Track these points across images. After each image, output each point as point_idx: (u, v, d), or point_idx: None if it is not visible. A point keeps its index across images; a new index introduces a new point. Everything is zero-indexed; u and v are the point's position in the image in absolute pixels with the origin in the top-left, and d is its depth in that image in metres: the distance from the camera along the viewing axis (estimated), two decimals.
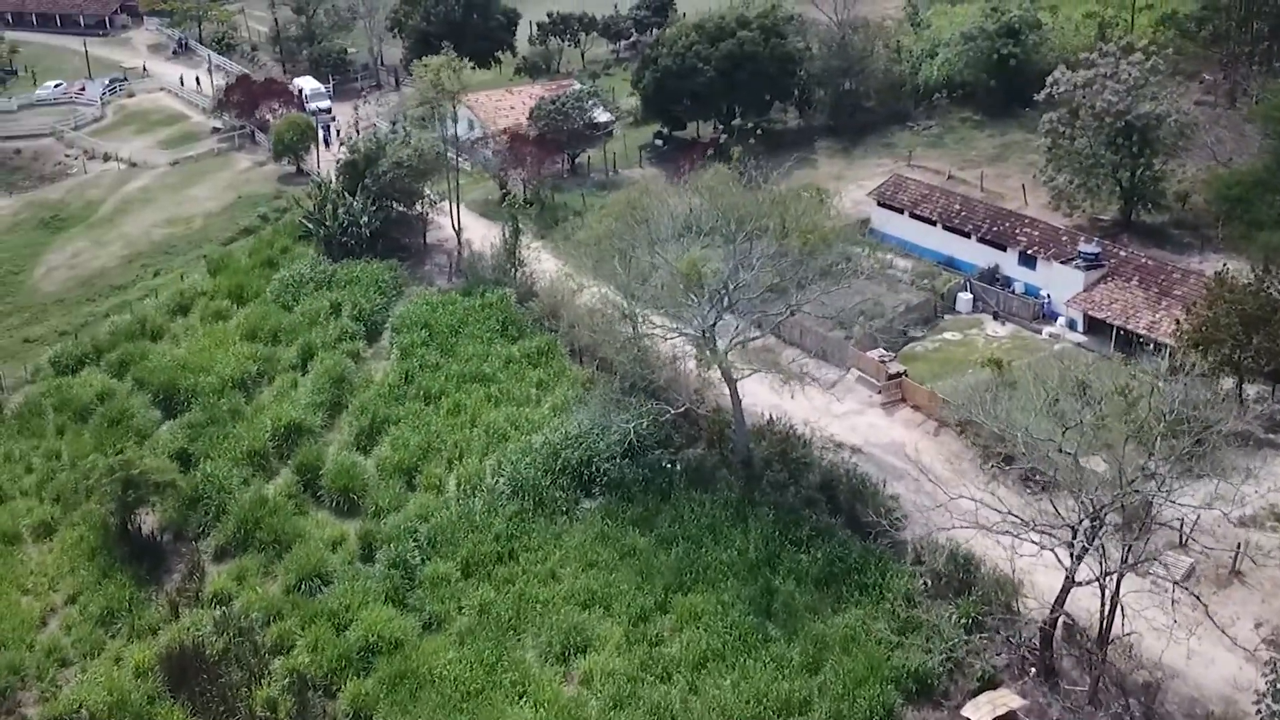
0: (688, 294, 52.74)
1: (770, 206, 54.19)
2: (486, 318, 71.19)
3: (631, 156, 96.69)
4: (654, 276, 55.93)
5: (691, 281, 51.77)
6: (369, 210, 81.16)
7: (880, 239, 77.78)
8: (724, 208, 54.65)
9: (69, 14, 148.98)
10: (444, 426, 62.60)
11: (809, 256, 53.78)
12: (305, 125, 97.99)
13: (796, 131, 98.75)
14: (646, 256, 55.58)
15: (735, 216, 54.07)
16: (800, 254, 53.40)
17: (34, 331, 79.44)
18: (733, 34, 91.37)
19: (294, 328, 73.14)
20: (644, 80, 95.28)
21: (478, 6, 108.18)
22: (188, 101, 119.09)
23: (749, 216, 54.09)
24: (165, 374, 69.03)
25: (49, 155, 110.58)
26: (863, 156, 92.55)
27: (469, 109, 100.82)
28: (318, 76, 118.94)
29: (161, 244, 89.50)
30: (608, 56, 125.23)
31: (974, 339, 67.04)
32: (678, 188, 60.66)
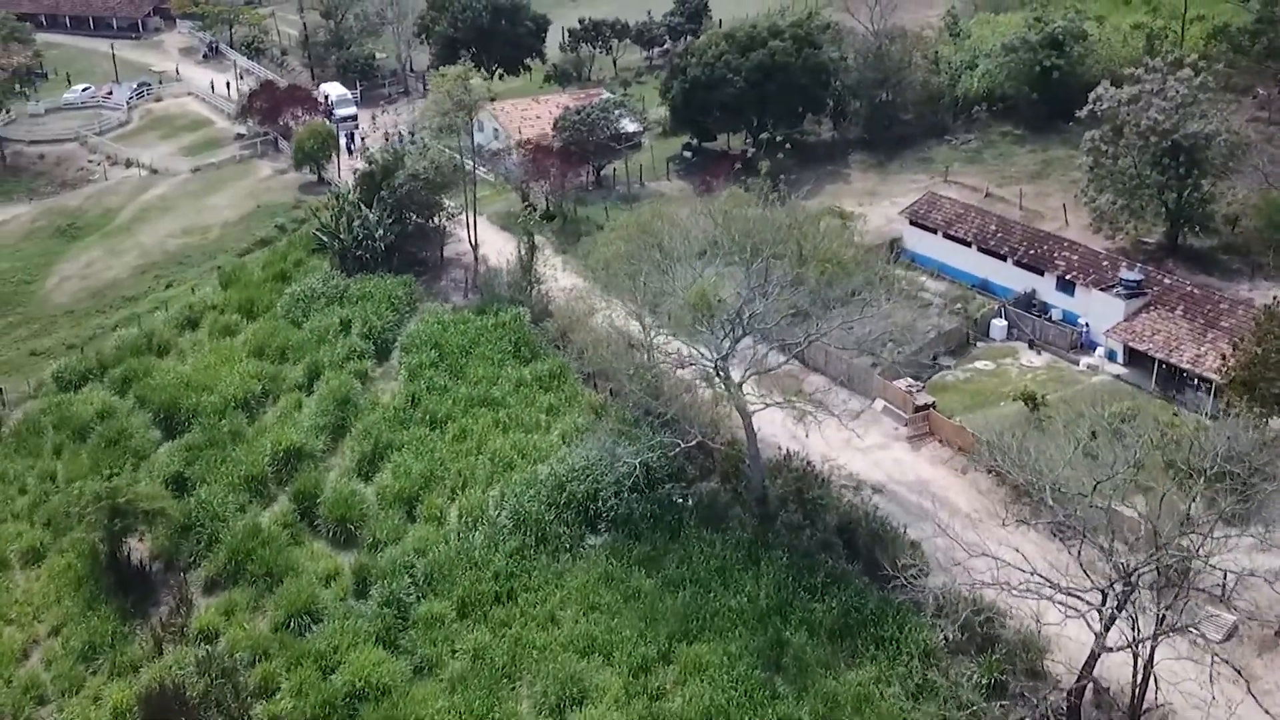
0: (697, 324, 49.82)
1: (787, 232, 51.07)
2: (499, 338, 68.65)
3: (659, 168, 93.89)
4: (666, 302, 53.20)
5: (701, 312, 48.85)
6: (385, 224, 78.88)
7: (912, 259, 74.56)
8: (738, 233, 51.60)
9: (102, 16, 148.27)
10: (449, 453, 60.08)
11: (827, 286, 50.66)
12: (326, 134, 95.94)
13: (830, 144, 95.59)
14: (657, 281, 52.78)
15: (750, 242, 51.02)
16: (818, 283, 50.32)
17: (41, 344, 77.80)
18: (764, 44, 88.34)
19: (302, 345, 70.95)
20: (672, 91, 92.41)
21: (506, 13, 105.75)
22: (214, 107, 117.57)
23: (765, 242, 51.08)
24: (167, 392, 67.00)
25: (72, 160, 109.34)
26: (898, 171, 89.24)
27: (494, 118, 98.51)
28: (345, 83, 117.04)
29: (176, 254, 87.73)
30: (640, 64, 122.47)
31: (1007, 369, 63.66)
32: (693, 208, 57.50)
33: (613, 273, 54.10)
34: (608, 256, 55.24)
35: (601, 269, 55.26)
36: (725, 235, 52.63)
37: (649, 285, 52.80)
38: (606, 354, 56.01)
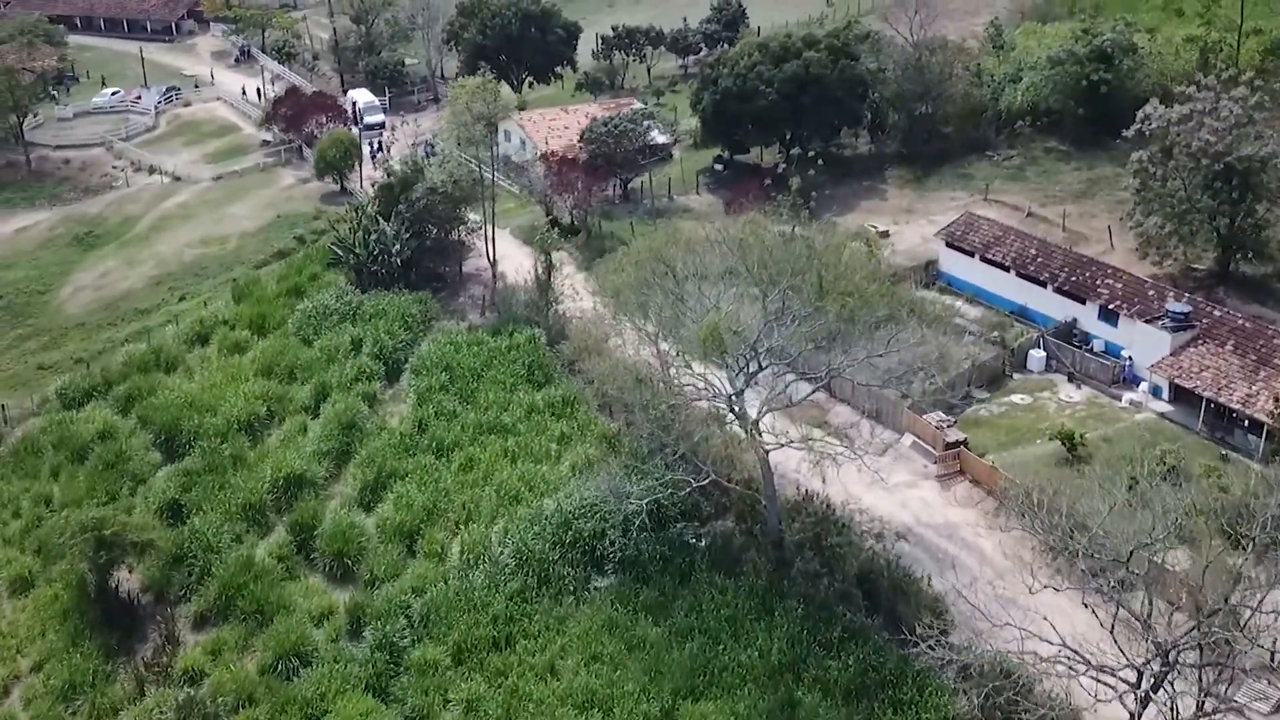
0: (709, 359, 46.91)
1: (807, 262, 47.97)
2: (513, 360, 66.03)
3: (689, 182, 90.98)
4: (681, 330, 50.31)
5: (711, 349, 45.92)
6: (402, 238, 76.46)
7: (948, 283, 71.28)
8: (754, 263, 48.58)
9: (136, 19, 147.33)
10: (454, 484, 57.47)
11: (849, 321, 47.55)
12: (349, 142, 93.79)
13: (866, 158, 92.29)
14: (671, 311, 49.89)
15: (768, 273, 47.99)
16: (838, 317, 47.22)
17: (50, 358, 76.06)
18: (798, 54, 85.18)
19: (311, 364, 68.66)
20: (703, 102, 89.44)
21: (536, 20, 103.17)
22: (241, 112, 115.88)
23: (783, 272, 48.03)
24: (170, 413, 64.83)
25: (97, 166, 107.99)
26: (936, 188, 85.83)
27: (520, 128, 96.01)
28: (374, 89, 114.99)
29: (192, 265, 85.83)
30: (675, 72, 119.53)
31: (1045, 404, 60.20)
32: (710, 232, 54.44)
33: (624, 301, 51.20)
34: (618, 284, 52.39)
35: (612, 297, 52.30)
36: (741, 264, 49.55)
37: (662, 315, 49.89)
38: (620, 384, 53.20)
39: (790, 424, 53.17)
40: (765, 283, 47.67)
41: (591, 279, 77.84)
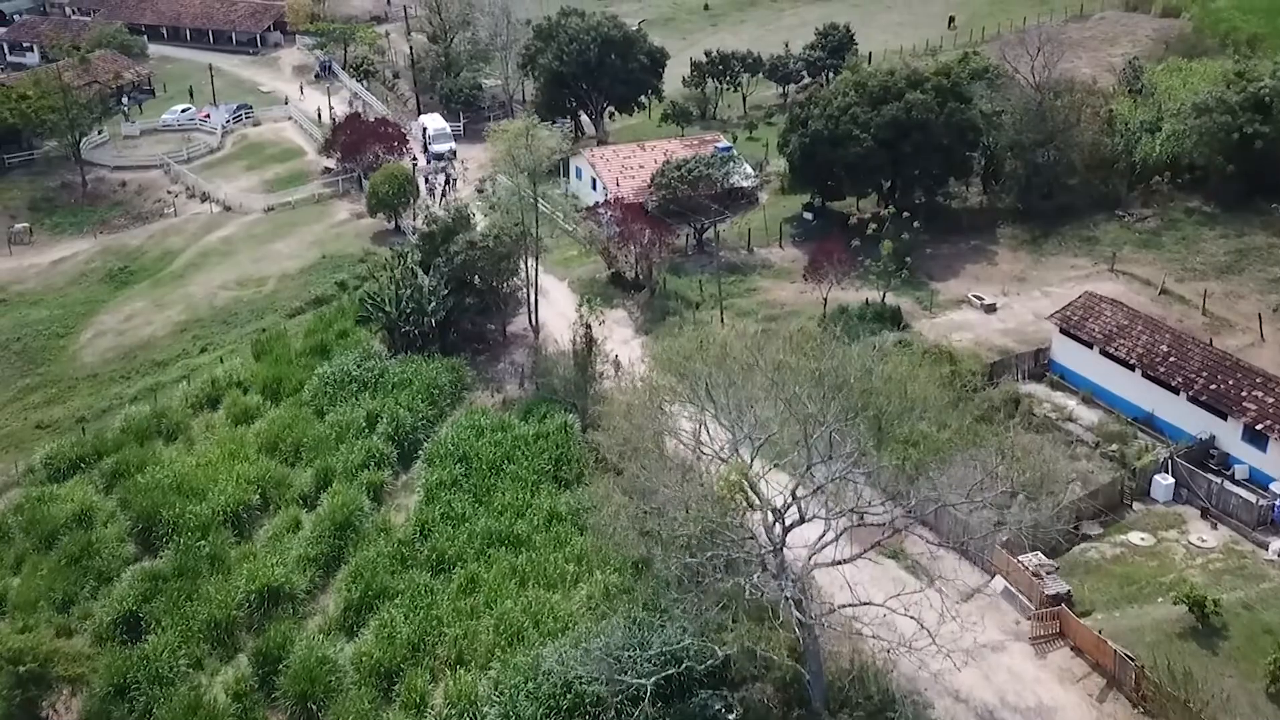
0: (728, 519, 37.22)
1: (862, 397, 37.81)
2: (540, 451, 57.11)
3: (773, 231, 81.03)
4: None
5: (731, 506, 36.24)
6: (439, 294, 68.10)
7: (1061, 375, 60.29)
8: (792, 396, 38.57)
9: (222, 30, 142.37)
10: (450, 610, 48.52)
11: (914, 472, 37.41)
12: (404, 178, 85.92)
13: (976, 212, 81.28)
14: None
15: (812, 407, 38.01)
16: (901, 468, 37.12)
17: (51, 414, 69.39)
18: (900, 95, 74.67)
19: (319, 443, 60.66)
20: (790, 145, 79.52)
21: (617, 46, 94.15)
22: (309, 135, 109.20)
23: (832, 405, 38.00)
24: (153, 497, 57.16)
25: (153, 189, 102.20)
26: (1055, 251, 74.59)
27: (591, 166, 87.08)
28: (448, 114, 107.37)
29: (222, 311, 78.70)
30: (773, 102, 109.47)
31: (1171, 548, 48.97)
32: (747, 344, 44.32)
33: (637, 425, 41.72)
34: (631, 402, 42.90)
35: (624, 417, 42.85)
36: (778, 394, 39.62)
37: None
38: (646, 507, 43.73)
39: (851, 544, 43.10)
40: (807, 421, 37.65)
41: (651, 345, 68.89)
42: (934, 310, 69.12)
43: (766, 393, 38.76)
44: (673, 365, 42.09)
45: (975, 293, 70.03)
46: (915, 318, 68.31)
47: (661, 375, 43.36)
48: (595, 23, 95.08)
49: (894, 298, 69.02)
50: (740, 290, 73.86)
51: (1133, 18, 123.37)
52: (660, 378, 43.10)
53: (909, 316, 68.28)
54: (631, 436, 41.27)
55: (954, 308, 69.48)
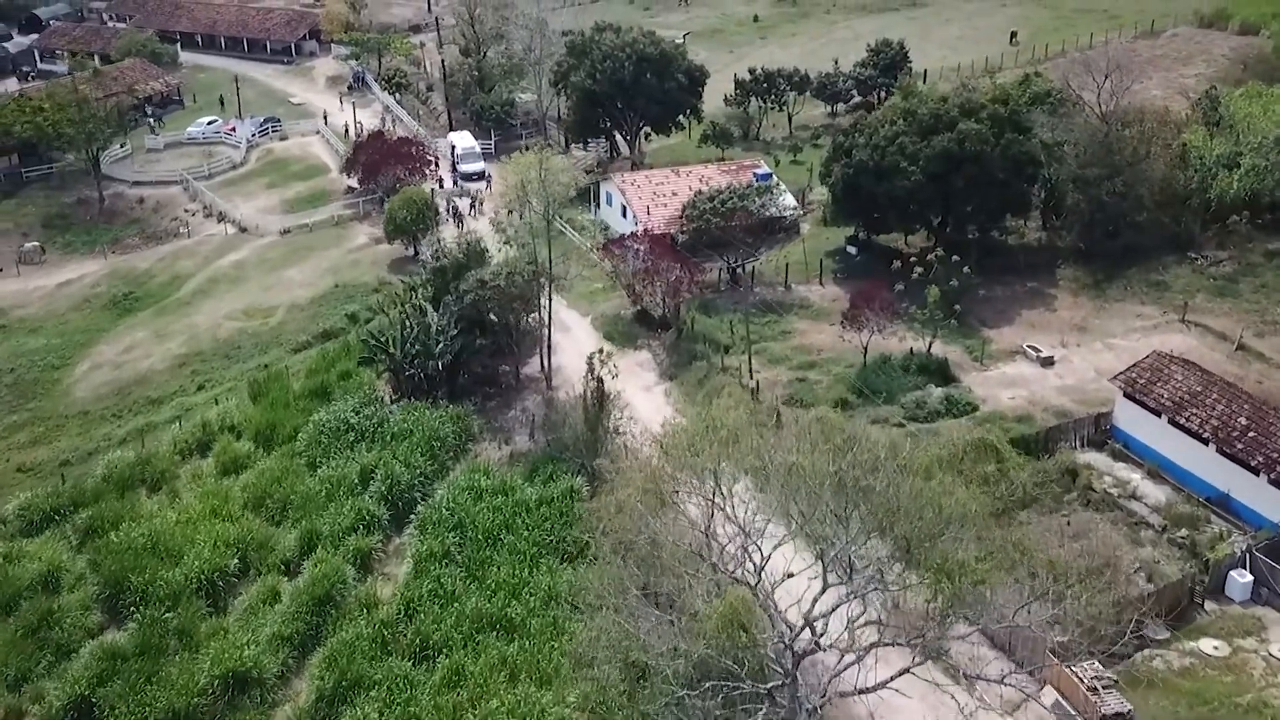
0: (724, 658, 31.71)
1: (885, 513, 32.12)
2: (542, 520, 51.92)
3: (813, 265, 75.34)
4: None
5: (728, 642, 30.78)
6: (447, 334, 63.20)
7: (1124, 444, 54.19)
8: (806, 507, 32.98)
9: (257, 39, 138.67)
10: (429, 707, 43.41)
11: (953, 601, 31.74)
12: (423, 203, 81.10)
13: (1035, 250, 75.10)
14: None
15: (829, 519, 32.44)
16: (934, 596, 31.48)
17: (35, 456, 65.27)
18: (952, 125, 68.72)
19: (307, 501, 55.88)
20: (833, 175, 73.83)
21: (653, 64, 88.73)
22: (335, 151, 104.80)
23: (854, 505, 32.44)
24: (124, 559, 52.51)
25: (170, 207, 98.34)
26: (1119, 297, 68.36)
27: (621, 192, 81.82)
28: (479, 131, 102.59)
29: (226, 343, 74.35)
30: (822, 122, 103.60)
31: (1248, 660, 42.89)
32: (757, 442, 38.54)
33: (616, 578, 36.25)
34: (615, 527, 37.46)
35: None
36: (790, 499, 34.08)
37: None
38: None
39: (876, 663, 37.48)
40: (821, 541, 32.08)
41: (676, 391, 63.73)
42: (985, 362, 63.21)
43: (779, 497, 33.20)
44: (677, 456, 36.54)
45: (1031, 343, 64.00)
46: (964, 370, 62.47)
47: (666, 465, 37.78)
48: (630, 39, 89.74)
49: (941, 345, 63.28)
50: (774, 333, 68.34)
51: (1207, 35, 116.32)
52: (665, 467, 37.52)
53: (957, 368, 62.46)
54: (625, 538, 35.98)
55: (1007, 359, 63.52)
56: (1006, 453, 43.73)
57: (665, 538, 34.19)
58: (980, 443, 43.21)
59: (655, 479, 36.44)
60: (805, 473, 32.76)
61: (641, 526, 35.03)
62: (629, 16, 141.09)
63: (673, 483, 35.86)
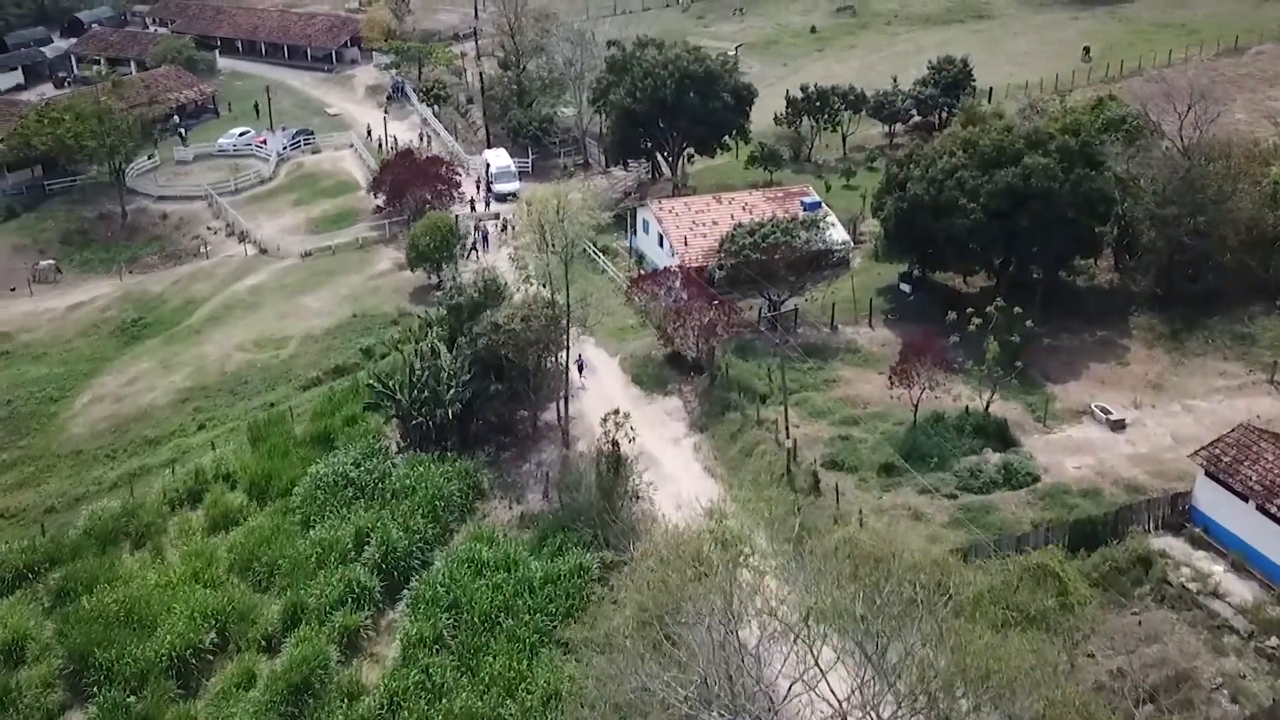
0: None
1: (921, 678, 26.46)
2: (547, 601, 46.80)
3: (863, 303, 69.56)
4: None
5: None
6: (459, 379, 58.27)
7: (1204, 528, 47.97)
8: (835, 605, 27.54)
9: (297, 45, 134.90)
10: None
11: None
12: (447, 230, 76.25)
13: (1107, 293, 68.86)
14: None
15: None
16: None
17: (20, 500, 61.22)
18: (1017, 159, 62.69)
19: (296, 566, 51.23)
20: (885, 209, 68.07)
21: (697, 82, 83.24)
22: (367, 167, 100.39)
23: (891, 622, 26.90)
24: (92, 630, 48.15)
25: (193, 223, 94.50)
26: (1200, 351, 61.94)
27: (658, 221, 76.50)
28: (516, 149, 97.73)
29: (233, 377, 70.02)
30: (878, 143, 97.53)
31: None
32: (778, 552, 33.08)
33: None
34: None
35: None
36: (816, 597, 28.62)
37: None
38: None
39: None
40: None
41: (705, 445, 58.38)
42: (1048, 423, 57.18)
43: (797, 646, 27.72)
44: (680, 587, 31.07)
45: (1100, 403, 57.83)
46: (1025, 431, 56.47)
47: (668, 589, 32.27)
48: (673, 55, 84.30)
49: (1000, 401, 57.33)
50: (817, 381, 62.67)
51: None
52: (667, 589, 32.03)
53: (1017, 429, 56.47)
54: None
55: (1073, 420, 57.41)
56: (1071, 581, 37.63)
57: (659, 685, 28.75)
58: (1039, 569, 37.25)
59: (657, 601, 31.01)
60: (828, 616, 27.21)
61: (633, 671, 29.63)
62: (681, 26, 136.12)
63: (675, 615, 30.40)
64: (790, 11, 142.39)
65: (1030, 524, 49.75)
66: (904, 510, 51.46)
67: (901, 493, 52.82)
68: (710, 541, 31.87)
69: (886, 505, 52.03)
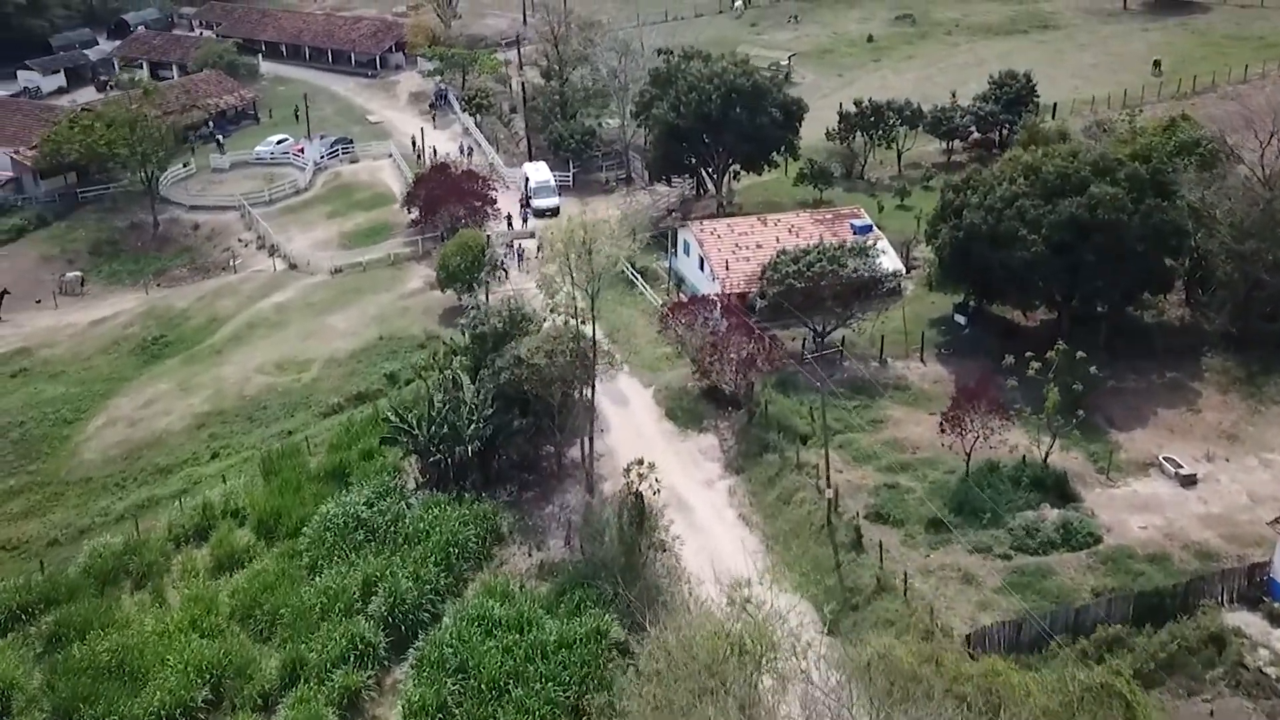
0: None
1: None
2: (561, 667, 43.26)
3: (914, 335, 65.48)
4: None
5: None
6: (481, 413, 54.94)
7: None
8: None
9: (341, 50, 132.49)
10: None
11: None
12: (478, 250, 72.97)
13: (1177, 331, 64.25)
14: None
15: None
16: None
17: (24, 531, 58.71)
18: (1082, 188, 58.38)
19: (299, 616, 48.07)
20: (940, 236, 63.97)
21: (744, 97, 79.29)
22: (405, 178, 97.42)
23: None
24: (83, 682, 45.30)
25: (225, 235, 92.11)
26: (1279, 399, 57.27)
27: (699, 243, 72.78)
28: (556, 161, 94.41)
29: (251, 402, 67.21)
30: (935, 160, 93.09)
31: None
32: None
33: None
34: None
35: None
36: None
37: None
38: None
39: None
40: None
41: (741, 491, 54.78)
42: (1112, 475, 52.91)
43: None
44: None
45: (1169, 454, 53.48)
46: (1086, 484, 52.32)
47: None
48: (719, 69, 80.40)
49: (1060, 448, 53.13)
50: (863, 420, 58.69)
51: None
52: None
53: (1078, 481, 52.33)
54: None
55: (1139, 473, 53.13)
56: (1138, 702, 33.33)
57: None
58: (1103, 688, 33.12)
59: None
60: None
61: None
62: (734, 34, 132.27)
63: None
64: (847, 19, 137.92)
65: (1091, 593, 45.74)
66: (953, 572, 47.57)
67: (951, 551, 48.87)
68: (727, 645, 28.07)
69: (934, 565, 48.14)
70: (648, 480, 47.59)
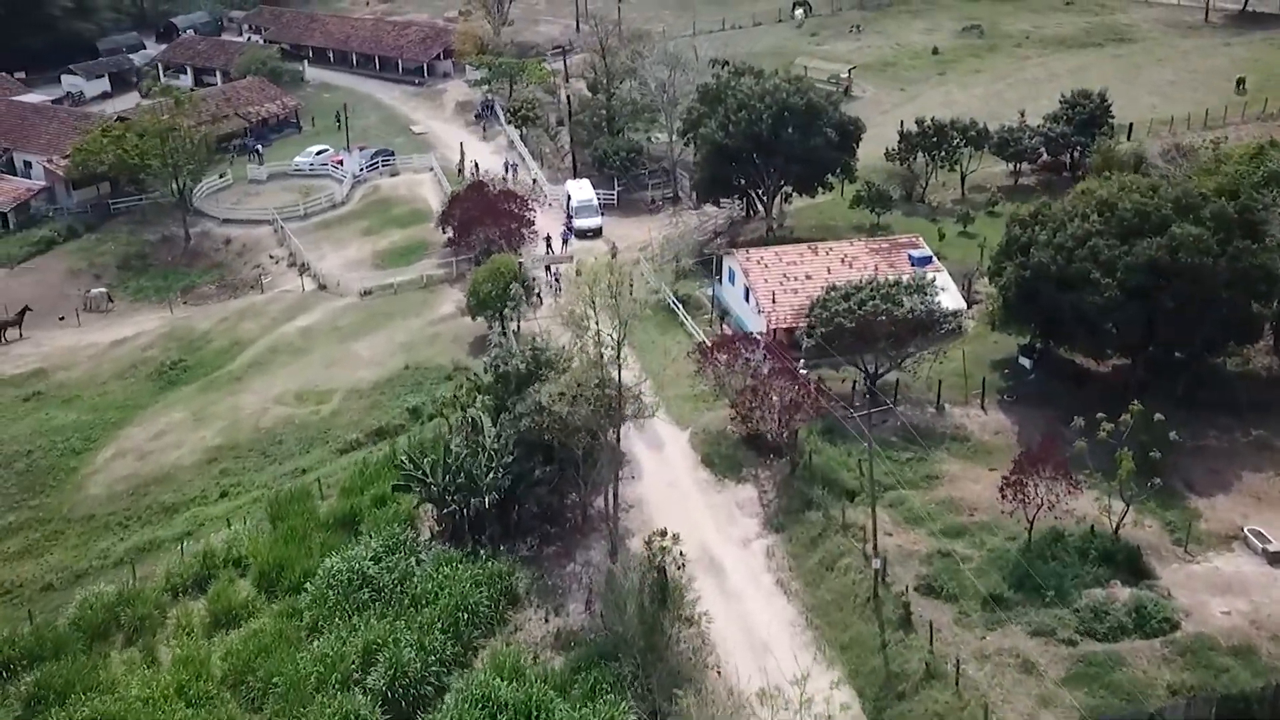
0: None
1: None
2: None
3: (975, 379, 60.54)
4: None
5: None
6: (500, 460, 50.89)
7: None
8: None
9: (389, 56, 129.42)
10: None
11: None
12: (511, 276, 69.02)
13: (1265, 383, 59.08)
14: None
15: None
16: None
17: (19, 572, 55.65)
18: (1162, 227, 53.23)
19: (293, 686, 44.20)
20: (1005, 276, 59.00)
21: (797, 116, 74.65)
22: (445, 194, 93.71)
23: None
24: None
25: (256, 251, 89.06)
26: None
27: (744, 273, 68.29)
28: (601, 179, 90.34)
29: (267, 435, 63.76)
30: (1002, 183, 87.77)
31: None
32: None
33: None
34: None
35: None
36: None
37: None
38: None
39: None
40: None
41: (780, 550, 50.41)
42: (1191, 549, 47.82)
43: None
44: None
45: (1255, 525, 48.34)
46: (1162, 557, 47.31)
47: None
48: (771, 86, 75.79)
49: (1133, 515, 48.10)
50: (916, 475, 53.95)
51: None
52: None
53: (1152, 554, 47.32)
54: None
55: (1221, 547, 48.01)
56: None
57: None
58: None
59: None
60: None
61: None
62: (793, 44, 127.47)
63: None
64: (911, 30, 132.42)
65: (1167, 690, 40.85)
66: (1011, 658, 42.82)
67: (1010, 633, 44.10)
68: None
69: (991, 649, 43.41)
70: (671, 554, 43.16)
